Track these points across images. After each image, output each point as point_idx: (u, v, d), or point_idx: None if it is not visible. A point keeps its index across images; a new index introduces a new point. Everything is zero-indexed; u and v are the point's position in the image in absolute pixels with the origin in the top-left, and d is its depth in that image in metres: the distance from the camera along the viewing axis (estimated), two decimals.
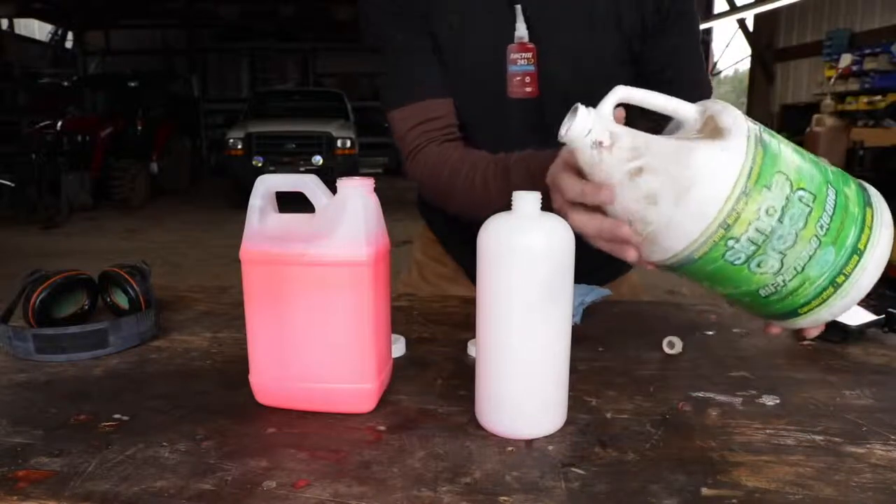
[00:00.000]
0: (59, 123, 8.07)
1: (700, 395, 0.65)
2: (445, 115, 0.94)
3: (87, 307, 0.87)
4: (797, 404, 0.63)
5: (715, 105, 0.60)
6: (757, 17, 8.74)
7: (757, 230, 0.55)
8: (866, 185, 0.62)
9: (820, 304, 0.59)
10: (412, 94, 0.94)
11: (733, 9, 8.70)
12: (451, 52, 0.93)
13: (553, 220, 0.56)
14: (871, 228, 0.58)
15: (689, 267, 0.59)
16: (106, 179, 8.32)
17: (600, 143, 0.58)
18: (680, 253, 0.57)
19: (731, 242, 0.55)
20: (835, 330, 0.79)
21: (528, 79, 0.90)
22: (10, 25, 12.42)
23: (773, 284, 0.58)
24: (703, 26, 9.11)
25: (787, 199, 0.55)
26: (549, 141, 0.63)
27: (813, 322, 0.61)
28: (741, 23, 8.94)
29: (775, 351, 0.77)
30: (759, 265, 0.57)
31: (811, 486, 0.49)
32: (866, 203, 0.59)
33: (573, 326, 0.59)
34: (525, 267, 0.54)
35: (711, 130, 0.57)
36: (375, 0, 0.95)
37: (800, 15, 8.48)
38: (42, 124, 8.10)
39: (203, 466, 0.52)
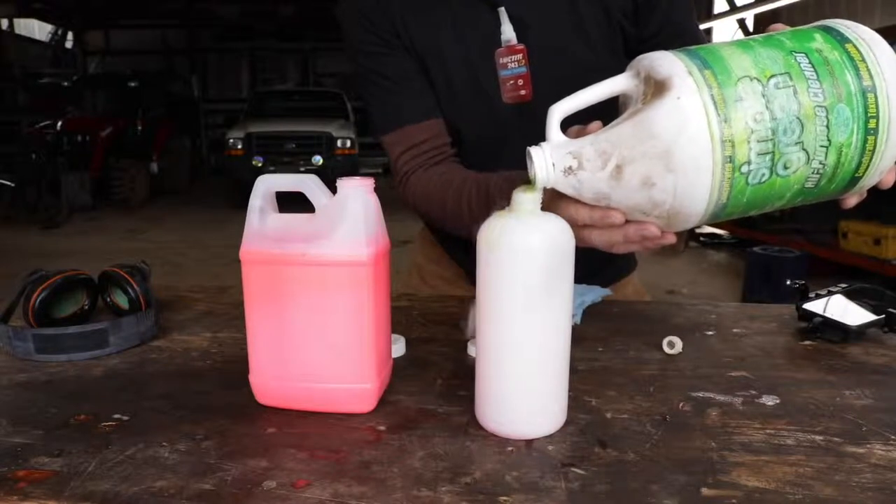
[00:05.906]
0: (59, 123, 8.08)
1: (700, 395, 0.65)
2: (431, 136, 0.94)
3: (87, 307, 0.87)
4: (797, 404, 0.63)
5: (642, 61, 0.58)
6: (757, 17, 8.73)
7: (759, 141, 0.52)
8: (828, 23, 0.58)
9: (871, 156, 0.54)
10: (394, 121, 0.94)
11: (733, 9, 8.70)
12: (439, 67, 0.92)
13: (553, 219, 0.55)
14: (863, 60, 0.54)
15: (726, 210, 0.56)
16: (106, 179, 8.34)
17: (570, 168, 0.57)
18: (707, 208, 0.55)
19: (744, 168, 0.52)
20: (835, 330, 0.79)
21: (520, 81, 0.89)
22: (10, 25, 12.43)
23: (813, 173, 0.54)
24: (703, 26, 9.11)
25: (764, 96, 0.52)
26: None
27: (880, 174, 0.57)
28: (741, 23, 8.94)
29: (775, 351, 0.77)
30: (785, 167, 0.53)
31: (811, 486, 0.49)
32: (841, 41, 0.55)
33: (573, 326, 0.59)
34: (525, 266, 0.54)
35: (655, 88, 0.55)
36: (350, 30, 0.94)
37: (800, 15, 8.47)
38: (42, 124, 8.12)
39: (203, 466, 0.52)
